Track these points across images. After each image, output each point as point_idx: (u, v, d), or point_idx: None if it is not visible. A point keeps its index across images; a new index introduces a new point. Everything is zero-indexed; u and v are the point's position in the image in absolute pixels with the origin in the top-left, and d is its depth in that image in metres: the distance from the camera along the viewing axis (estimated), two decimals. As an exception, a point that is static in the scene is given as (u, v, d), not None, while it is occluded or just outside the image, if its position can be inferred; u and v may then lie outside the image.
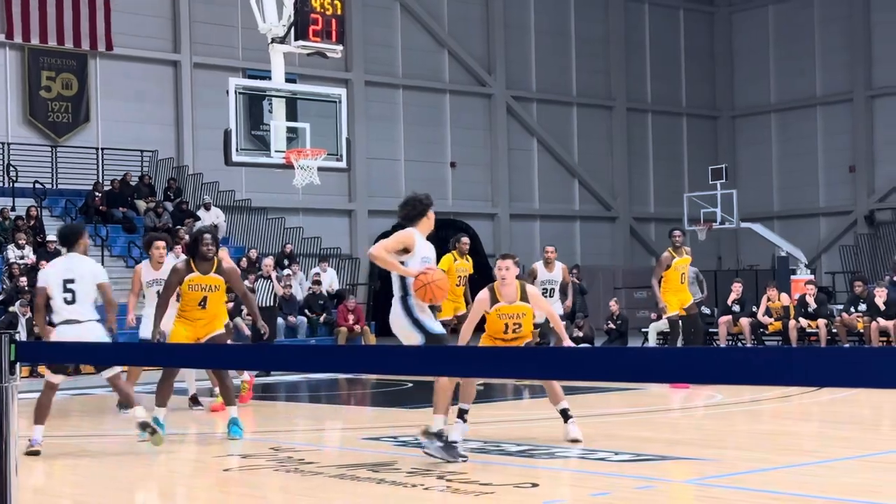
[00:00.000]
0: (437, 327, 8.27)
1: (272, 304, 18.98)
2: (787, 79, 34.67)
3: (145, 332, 12.15)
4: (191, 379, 12.82)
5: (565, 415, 9.21)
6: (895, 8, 32.43)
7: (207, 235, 10.09)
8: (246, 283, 19.51)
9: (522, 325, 9.23)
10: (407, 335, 8.08)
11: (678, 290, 15.47)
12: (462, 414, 9.22)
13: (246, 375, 13.09)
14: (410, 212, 8.49)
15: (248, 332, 19.11)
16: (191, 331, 9.93)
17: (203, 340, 9.88)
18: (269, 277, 18.98)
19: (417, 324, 8.09)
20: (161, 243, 12.46)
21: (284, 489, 7.47)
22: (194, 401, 12.62)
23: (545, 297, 14.42)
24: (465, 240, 15.19)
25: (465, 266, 14.94)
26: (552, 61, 33.10)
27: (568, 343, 10.28)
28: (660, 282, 15.66)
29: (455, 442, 8.20)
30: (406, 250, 8.18)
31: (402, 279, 8.20)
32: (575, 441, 8.97)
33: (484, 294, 9.27)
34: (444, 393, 8.32)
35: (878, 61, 33.00)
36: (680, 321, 15.40)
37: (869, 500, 6.62)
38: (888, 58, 32.63)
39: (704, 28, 36.24)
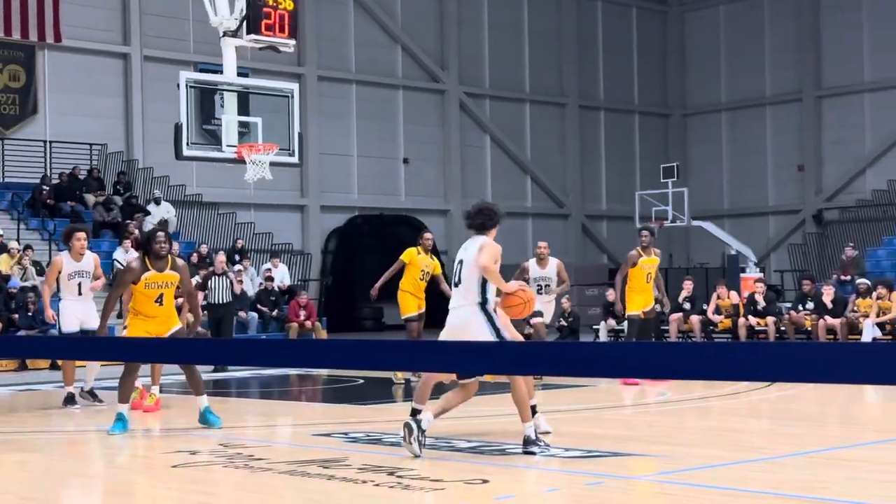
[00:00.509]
0: (509, 336, 8.49)
1: (229, 300, 18.90)
2: (738, 78, 34.98)
3: (69, 325, 11.99)
4: (91, 373, 12.40)
5: (533, 410, 9.24)
6: (844, 9, 32.83)
7: (161, 234, 10.20)
8: (196, 278, 19.38)
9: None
10: (484, 339, 7.98)
11: (642, 290, 15.40)
12: (415, 413, 9.20)
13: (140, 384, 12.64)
14: (486, 221, 8.53)
15: (200, 328, 18.95)
16: (151, 328, 9.97)
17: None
18: (225, 274, 18.90)
19: (498, 332, 8.19)
20: (82, 234, 12.44)
21: (233, 485, 7.41)
22: (91, 395, 12.30)
23: (538, 294, 14.22)
24: (428, 235, 15.08)
25: (430, 263, 14.83)
26: (505, 58, 33.16)
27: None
28: (624, 280, 15.59)
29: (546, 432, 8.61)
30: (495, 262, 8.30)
31: (483, 287, 8.29)
32: (546, 432, 9.03)
33: None
34: (522, 399, 8.42)
35: (827, 62, 33.39)
36: (637, 322, 15.35)
37: (815, 496, 6.68)
38: (837, 58, 33.03)
39: (657, 27, 36.47)
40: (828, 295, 20.26)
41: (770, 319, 20.93)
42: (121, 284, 10.29)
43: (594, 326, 23.30)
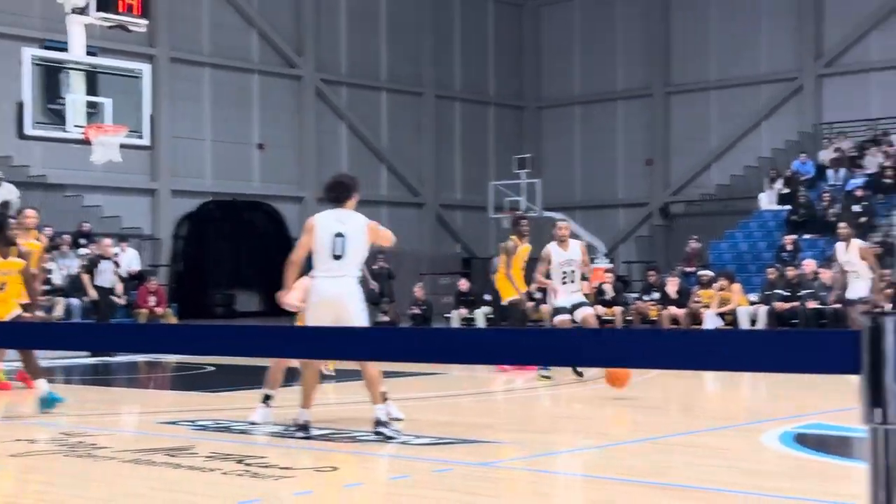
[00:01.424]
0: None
1: (112, 285, 18.62)
2: (591, 73, 35.65)
3: None
4: None
5: (383, 397, 9.29)
6: (692, 7, 33.77)
7: (12, 220, 10.09)
8: (72, 259, 18.69)
9: None
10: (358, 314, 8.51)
11: (517, 278, 15.41)
12: (267, 399, 9.17)
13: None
14: (342, 193, 8.69)
15: (41, 312, 18.36)
16: None
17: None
18: (109, 258, 18.58)
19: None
20: None
21: (75, 474, 7.21)
22: None
23: (564, 283, 13.22)
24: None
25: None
26: (363, 45, 33.05)
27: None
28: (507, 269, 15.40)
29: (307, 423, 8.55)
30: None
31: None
32: (398, 419, 9.11)
33: None
34: (374, 381, 8.56)
35: (676, 59, 34.31)
36: (519, 309, 15.53)
37: (656, 481, 6.87)
38: (685, 56, 33.97)
39: (513, 20, 36.87)
40: (672, 286, 20.87)
41: (617, 309, 21.45)
42: None
43: (446, 315, 23.50)
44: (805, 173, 28.45)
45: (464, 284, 24.85)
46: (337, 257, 8.45)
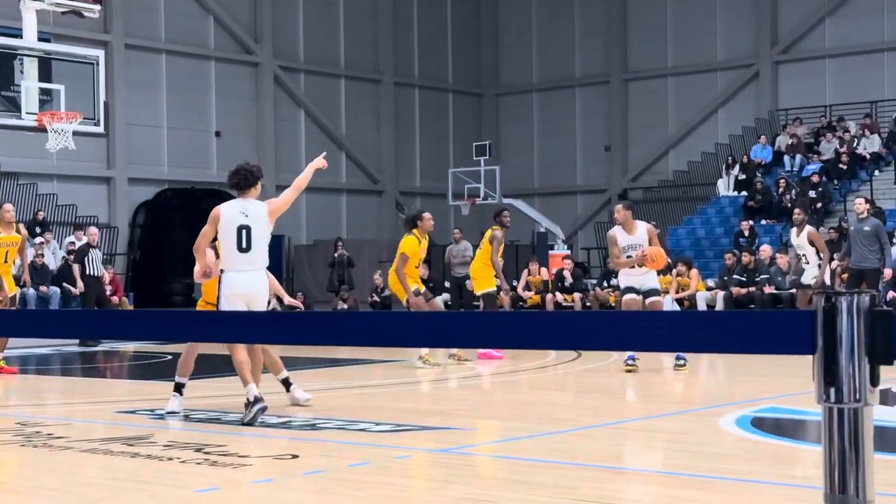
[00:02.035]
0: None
1: (102, 273, 18.74)
2: (549, 60, 35.70)
3: None
4: None
5: (287, 383, 9.52)
6: (650, -5, 33.92)
7: (8, 205, 10.44)
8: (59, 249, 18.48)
9: None
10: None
11: (498, 268, 15.13)
12: (179, 388, 9.23)
13: None
14: (242, 181, 8.90)
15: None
16: None
17: None
18: (97, 247, 18.72)
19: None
20: None
21: (31, 465, 7.14)
22: None
23: (631, 266, 12.82)
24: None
25: None
26: (321, 32, 32.90)
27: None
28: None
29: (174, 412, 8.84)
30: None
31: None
32: (307, 402, 9.36)
33: None
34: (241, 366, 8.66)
35: (633, 46, 34.44)
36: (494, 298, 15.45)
37: (613, 465, 6.91)
38: (642, 43, 34.11)
39: (471, 6, 36.84)
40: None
41: (577, 295, 21.52)
42: None
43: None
44: (764, 158, 28.69)
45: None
46: (243, 250, 8.64)
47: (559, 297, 21.59)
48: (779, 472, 6.57)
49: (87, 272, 18.49)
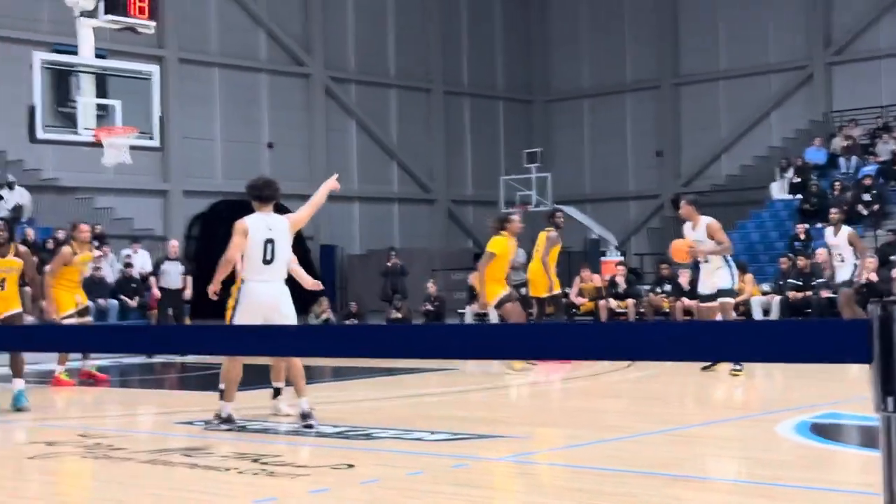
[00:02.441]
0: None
1: (182, 285, 18.94)
2: (599, 65, 35.60)
3: None
4: None
5: (277, 392, 9.74)
6: (700, -1, 33.73)
7: (0, 222, 10.83)
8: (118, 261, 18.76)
9: None
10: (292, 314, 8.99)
11: (552, 271, 15.24)
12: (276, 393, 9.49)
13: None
14: (265, 192, 9.25)
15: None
16: None
17: (1, 317, 10.59)
18: (178, 259, 18.96)
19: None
20: None
21: (92, 476, 7.25)
22: None
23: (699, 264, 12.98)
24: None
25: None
26: (371, 42, 33.07)
27: None
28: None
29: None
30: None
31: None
32: (287, 415, 9.50)
33: None
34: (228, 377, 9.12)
35: (684, 50, 34.25)
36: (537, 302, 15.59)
37: (671, 473, 6.87)
38: (693, 47, 33.90)
39: (520, 14, 36.84)
40: (684, 277, 20.81)
41: (630, 302, 21.42)
42: None
43: (459, 311, 23.49)
44: (818, 161, 28.37)
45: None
46: (267, 262, 8.89)
47: (612, 303, 21.50)
48: (838, 478, 6.50)
49: (161, 284, 18.72)
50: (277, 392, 9.78)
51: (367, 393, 12.10)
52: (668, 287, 21.40)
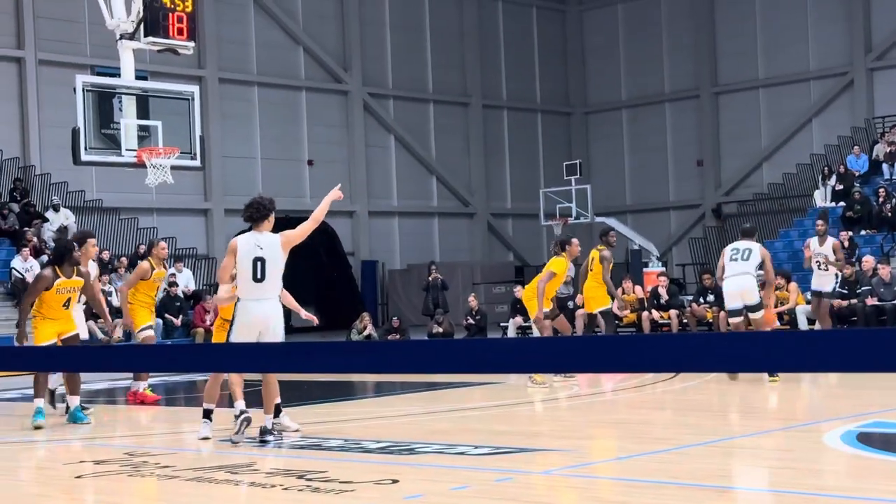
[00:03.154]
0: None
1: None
2: (637, 76, 35.50)
3: None
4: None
5: (278, 409, 9.76)
6: (737, 6, 33.53)
7: (76, 244, 11.34)
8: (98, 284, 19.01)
9: None
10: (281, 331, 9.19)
11: (610, 287, 15.97)
12: (207, 414, 9.74)
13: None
14: (255, 213, 9.40)
15: (101, 335, 18.70)
16: (54, 328, 10.93)
17: (64, 337, 10.98)
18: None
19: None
20: None
21: (139, 494, 7.31)
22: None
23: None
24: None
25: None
26: (408, 58, 33.19)
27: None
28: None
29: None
30: None
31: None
32: (296, 430, 9.63)
33: None
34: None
35: (723, 59, 34.08)
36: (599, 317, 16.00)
37: (718, 485, 6.82)
38: (732, 55, 33.73)
39: (557, 26, 36.84)
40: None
41: (673, 312, 21.30)
42: (34, 292, 11.04)
43: (502, 324, 23.45)
44: (859, 169, 28.10)
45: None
46: (258, 280, 9.04)
47: (655, 314, 21.38)
48: (887, 488, 6.43)
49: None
50: (208, 414, 9.78)
51: (409, 408, 12.10)
52: (710, 297, 21.24)
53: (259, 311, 9.00)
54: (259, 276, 9.03)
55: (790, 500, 6.17)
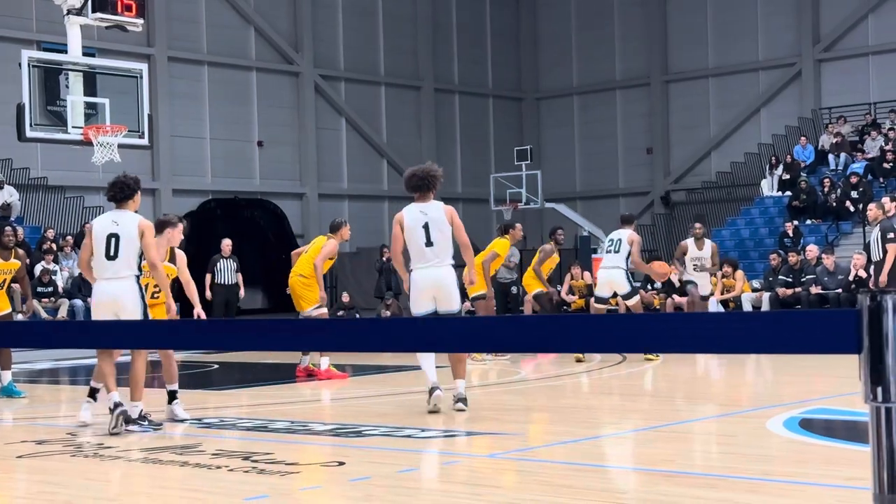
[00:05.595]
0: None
1: (235, 282, 19.54)
2: (589, 63, 35.62)
3: None
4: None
5: (172, 396, 9.61)
6: (689, -4, 33.75)
7: (9, 228, 11.40)
8: (43, 263, 18.90)
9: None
10: (137, 311, 8.84)
11: (544, 277, 16.90)
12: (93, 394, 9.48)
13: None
14: (119, 193, 9.20)
15: (44, 314, 18.53)
16: None
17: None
18: (231, 257, 19.50)
19: (145, 306, 9.08)
20: None
21: (82, 474, 7.23)
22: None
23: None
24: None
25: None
26: (360, 40, 33.04)
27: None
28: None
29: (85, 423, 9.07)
30: None
31: (139, 261, 9.05)
32: (183, 420, 9.42)
33: None
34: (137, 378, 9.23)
35: (673, 47, 34.28)
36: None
37: (662, 469, 6.88)
38: (683, 44, 33.94)
39: (510, 12, 36.84)
40: (675, 275, 20.80)
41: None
42: None
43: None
44: (805, 159, 28.44)
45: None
46: (111, 258, 8.86)
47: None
48: (828, 473, 6.52)
49: (217, 281, 19.37)
50: (93, 393, 9.53)
51: (357, 391, 12.09)
52: (658, 284, 21.41)
53: (110, 291, 8.81)
54: (112, 253, 8.85)
55: (734, 485, 6.24)
